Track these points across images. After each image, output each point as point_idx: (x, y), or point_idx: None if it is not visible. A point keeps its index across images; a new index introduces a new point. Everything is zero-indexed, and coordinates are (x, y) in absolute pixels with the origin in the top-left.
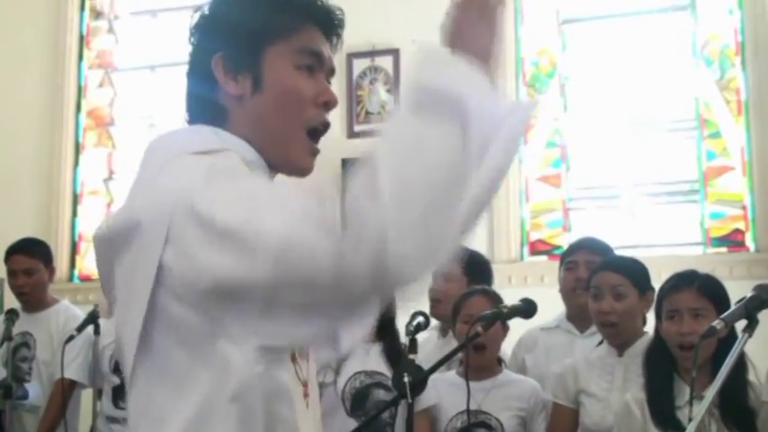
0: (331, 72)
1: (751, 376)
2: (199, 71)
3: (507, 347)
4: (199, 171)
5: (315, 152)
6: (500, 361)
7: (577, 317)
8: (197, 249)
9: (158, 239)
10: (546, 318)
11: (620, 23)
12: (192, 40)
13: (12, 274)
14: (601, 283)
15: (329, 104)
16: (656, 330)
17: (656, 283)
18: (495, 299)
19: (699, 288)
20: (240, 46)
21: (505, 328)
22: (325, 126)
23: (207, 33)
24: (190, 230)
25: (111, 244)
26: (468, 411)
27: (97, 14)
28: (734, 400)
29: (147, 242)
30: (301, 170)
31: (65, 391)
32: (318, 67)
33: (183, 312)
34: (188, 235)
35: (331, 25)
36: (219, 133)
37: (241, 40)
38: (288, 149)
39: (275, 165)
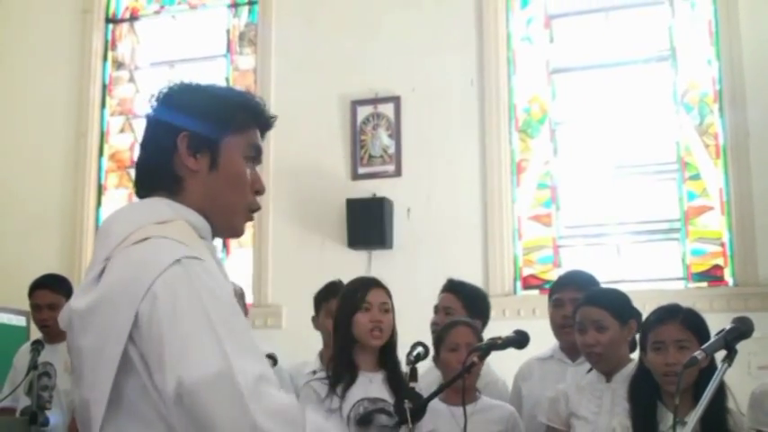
0: (259, 163)
1: (730, 404)
2: (159, 143)
3: (505, 376)
4: (164, 260)
5: (250, 219)
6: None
7: (569, 349)
8: (150, 355)
9: (127, 319)
10: (538, 348)
11: (606, 73)
12: (156, 114)
13: (36, 307)
14: (584, 318)
15: (260, 192)
16: (640, 360)
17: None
18: (476, 329)
19: (682, 321)
20: (206, 130)
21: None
22: (258, 209)
23: (175, 113)
24: (147, 331)
25: (85, 315)
26: None
27: (119, 65)
28: (714, 426)
29: (117, 318)
30: (238, 233)
31: None
32: (257, 160)
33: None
34: (146, 335)
35: (268, 128)
36: (172, 205)
37: (208, 125)
38: (231, 218)
39: (215, 228)
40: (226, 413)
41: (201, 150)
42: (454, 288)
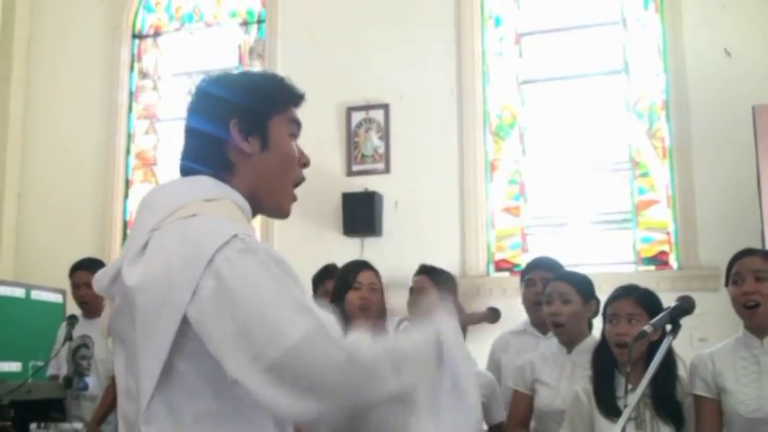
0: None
1: (681, 372)
2: (210, 133)
3: (482, 349)
4: (222, 234)
5: (295, 200)
6: None
7: (539, 324)
8: (217, 333)
9: (185, 293)
10: (508, 323)
11: (568, 84)
12: (200, 106)
13: (75, 286)
14: (552, 291)
15: (307, 164)
16: (603, 333)
17: (598, 295)
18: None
19: (636, 298)
20: (254, 114)
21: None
22: (303, 180)
23: (223, 102)
24: (213, 307)
25: (139, 290)
26: None
27: (144, 75)
28: (664, 391)
29: (174, 292)
30: (286, 214)
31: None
32: (298, 135)
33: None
34: (211, 311)
35: (300, 104)
36: (219, 185)
37: (255, 109)
38: (281, 198)
39: (264, 208)
40: (328, 362)
41: (252, 133)
42: (427, 271)
